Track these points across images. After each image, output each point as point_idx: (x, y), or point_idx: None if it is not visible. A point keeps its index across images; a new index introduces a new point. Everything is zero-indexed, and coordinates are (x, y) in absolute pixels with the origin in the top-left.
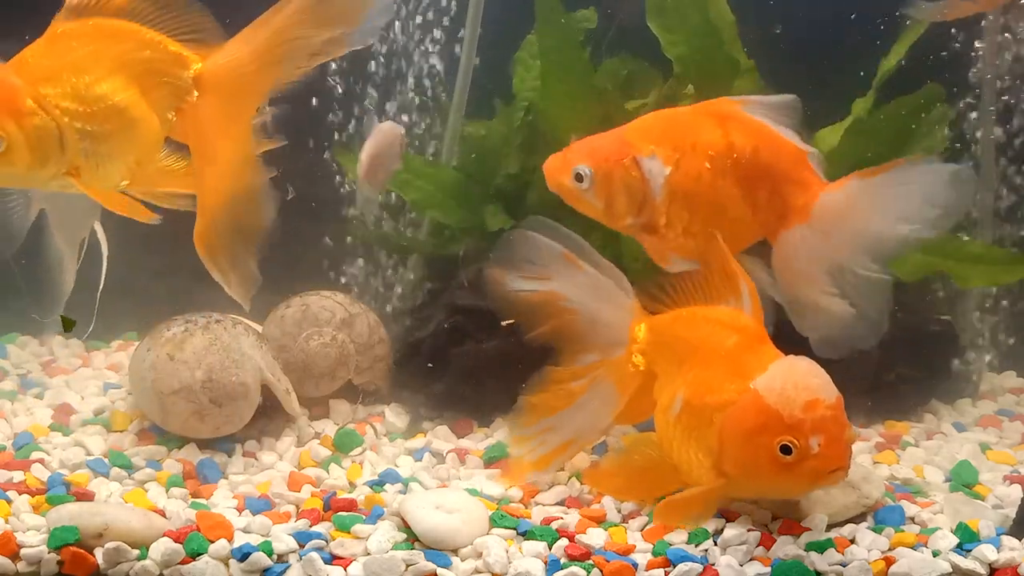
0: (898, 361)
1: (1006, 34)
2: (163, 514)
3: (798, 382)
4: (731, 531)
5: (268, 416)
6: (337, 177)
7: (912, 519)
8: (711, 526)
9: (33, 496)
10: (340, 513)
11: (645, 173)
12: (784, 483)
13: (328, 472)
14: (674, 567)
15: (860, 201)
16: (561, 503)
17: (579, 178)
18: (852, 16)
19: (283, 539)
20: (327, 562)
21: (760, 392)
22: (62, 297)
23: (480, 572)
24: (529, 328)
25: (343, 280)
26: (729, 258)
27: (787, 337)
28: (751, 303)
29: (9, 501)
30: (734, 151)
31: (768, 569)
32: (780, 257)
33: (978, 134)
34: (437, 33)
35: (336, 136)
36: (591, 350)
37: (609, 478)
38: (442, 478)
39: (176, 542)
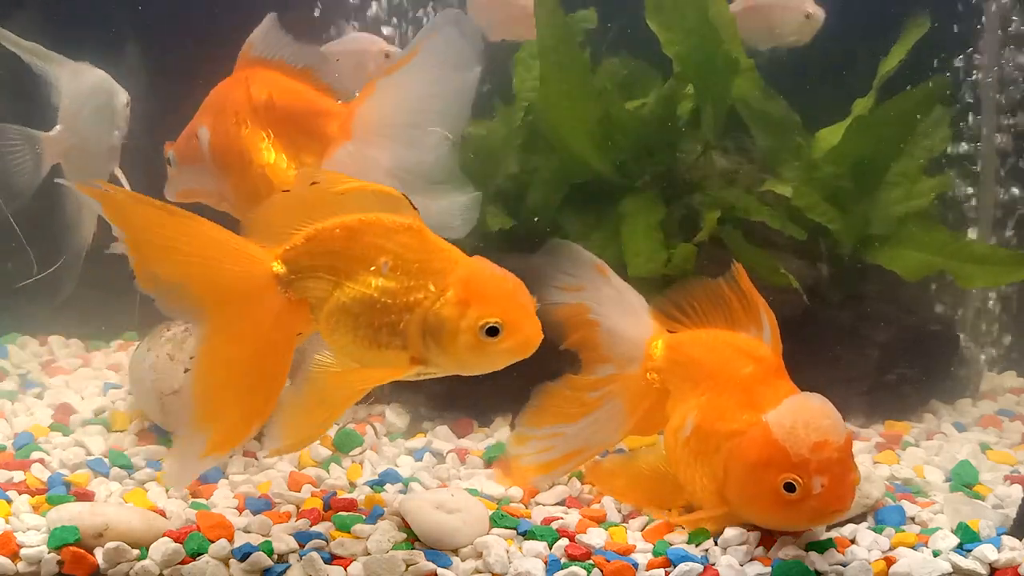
0: (898, 361)
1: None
2: (163, 514)
3: (809, 421)
4: (731, 531)
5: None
6: None
7: (912, 519)
8: (712, 526)
9: (33, 496)
10: (340, 513)
11: (201, 143)
12: (784, 518)
13: (328, 472)
14: (674, 567)
15: (393, 98)
16: (561, 503)
17: (168, 163)
18: (853, 16)
19: (283, 539)
20: (327, 562)
21: (770, 426)
22: (79, 254)
23: (480, 572)
24: (558, 338)
25: None
26: (751, 288)
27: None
28: (771, 334)
29: (9, 501)
30: (253, 103)
31: (768, 569)
32: None
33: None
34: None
35: None
36: (608, 362)
37: (611, 478)
38: (442, 478)
39: (176, 542)
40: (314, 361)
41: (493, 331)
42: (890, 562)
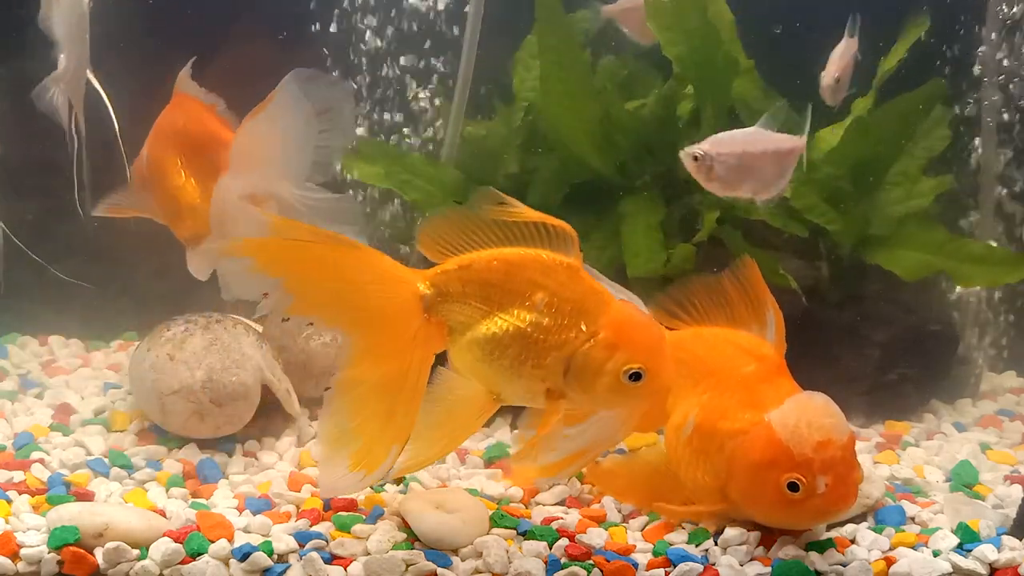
0: (898, 361)
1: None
2: (163, 514)
3: (812, 420)
4: (731, 531)
5: (268, 416)
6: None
7: (912, 519)
8: (712, 526)
9: (33, 496)
10: (340, 513)
11: (143, 162)
12: (787, 517)
13: None
14: (674, 567)
15: (261, 135)
16: (561, 503)
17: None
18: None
19: (283, 539)
20: (327, 562)
21: (774, 426)
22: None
23: (480, 572)
24: None
25: None
26: (760, 282)
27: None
28: (775, 333)
29: (9, 501)
30: (173, 129)
31: (768, 569)
32: (214, 210)
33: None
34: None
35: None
36: None
37: (611, 478)
38: (442, 478)
39: (176, 542)
40: (441, 382)
41: (636, 376)
42: (890, 562)
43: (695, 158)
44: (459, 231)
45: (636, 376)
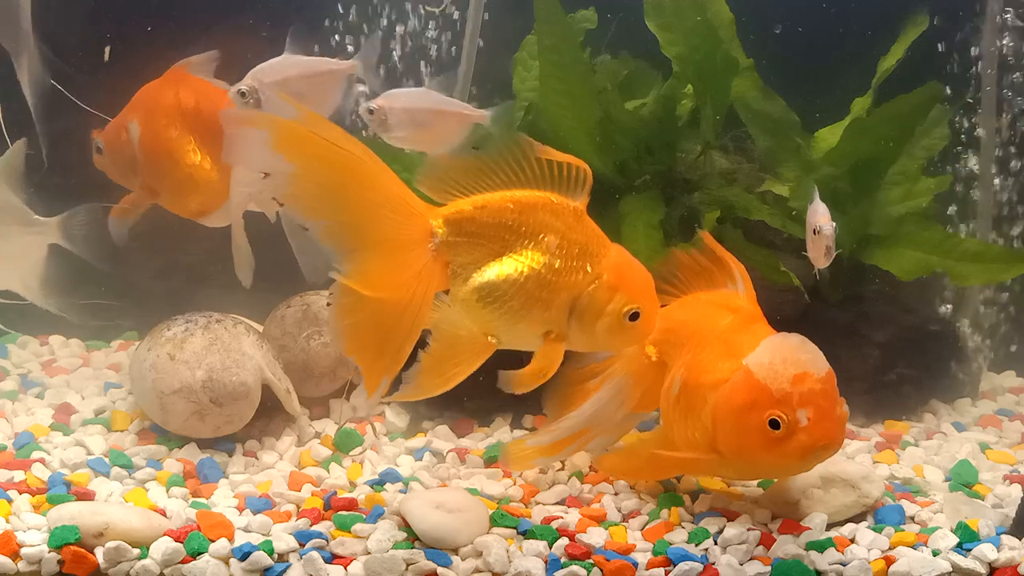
0: (898, 361)
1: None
2: (164, 513)
3: (787, 356)
4: (731, 530)
5: (268, 416)
6: None
7: (912, 518)
8: (712, 526)
9: (34, 495)
10: (340, 512)
11: (131, 137)
12: (775, 460)
13: (328, 471)
14: (674, 566)
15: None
16: (561, 502)
17: (97, 149)
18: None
19: (284, 538)
20: (328, 561)
21: (751, 368)
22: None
23: (480, 571)
24: None
25: None
26: (718, 246)
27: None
28: (744, 285)
29: (10, 500)
30: (181, 107)
31: (768, 568)
32: (233, 201)
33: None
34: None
35: None
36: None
37: (616, 463)
38: (442, 477)
39: (177, 541)
40: (447, 317)
41: (635, 316)
42: (890, 561)
43: (370, 111)
44: (465, 171)
45: (635, 316)
